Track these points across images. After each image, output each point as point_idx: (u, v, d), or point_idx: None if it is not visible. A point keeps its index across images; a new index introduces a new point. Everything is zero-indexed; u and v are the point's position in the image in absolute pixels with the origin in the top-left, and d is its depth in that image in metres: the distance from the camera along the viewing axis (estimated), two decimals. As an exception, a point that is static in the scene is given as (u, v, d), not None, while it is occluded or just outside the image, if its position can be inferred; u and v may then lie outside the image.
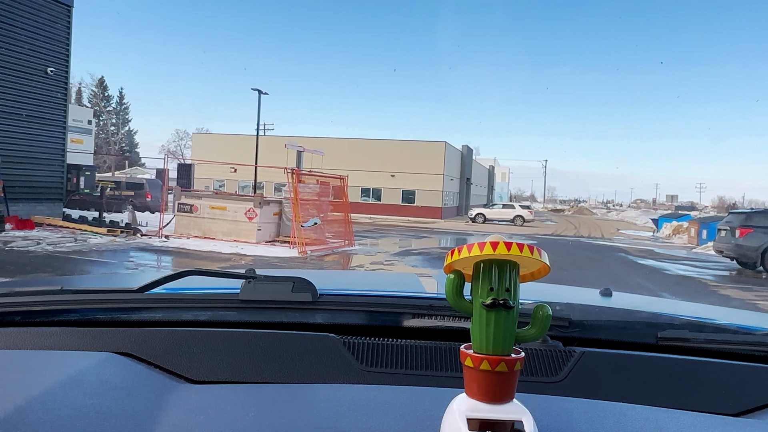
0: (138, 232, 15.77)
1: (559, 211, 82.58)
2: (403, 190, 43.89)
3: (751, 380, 0.95)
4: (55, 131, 16.26)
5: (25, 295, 1.08)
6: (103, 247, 13.35)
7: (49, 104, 15.98)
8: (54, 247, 12.65)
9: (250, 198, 16.57)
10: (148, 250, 13.66)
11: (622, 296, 1.81)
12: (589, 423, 0.74)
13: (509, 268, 0.64)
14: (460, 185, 51.55)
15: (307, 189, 16.32)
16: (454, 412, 0.64)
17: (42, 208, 15.84)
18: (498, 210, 41.54)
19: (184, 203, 16.23)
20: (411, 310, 1.10)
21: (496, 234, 0.65)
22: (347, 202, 18.13)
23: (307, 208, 15.90)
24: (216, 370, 0.90)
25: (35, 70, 15.45)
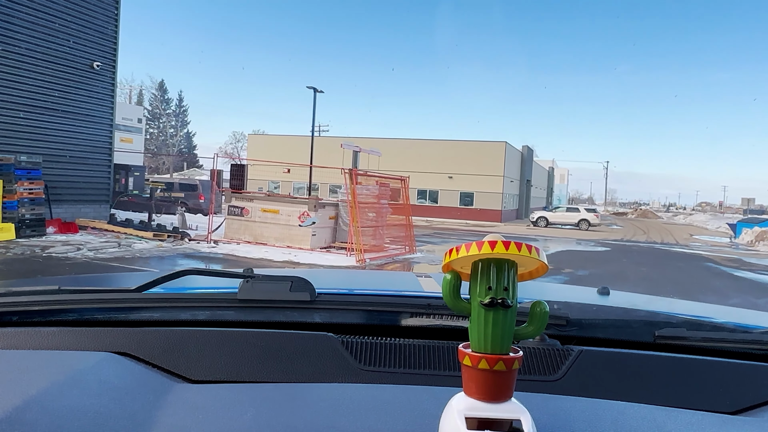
0: (186, 236, 14.78)
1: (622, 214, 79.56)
2: (461, 192, 42.37)
3: (749, 378, 0.94)
4: (101, 129, 15.42)
5: (23, 295, 1.08)
6: (148, 254, 12.36)
7: (95, 100, 15.14)
8: (95, 253, 11.71)
9: (304, 201, 15.34)
10: (195, 257, 12.62)
11: (620, 295, 1.82)
12: (587, 421, 0.74)
13: (507, 267, 0.64)
14: (520, 187, 49.62)
15: (366, 191, 15.05)
16: (453, 411, 0.64)
17: (87, 210, 15.03)
18: (561, 213, 39.62)
19: (234, 206, 15.16)
20: (409, 309, 1.10)
21: (495, 234, 0.64)
22: (408, 205, 16.77)
23: (366, 211, 14.63)
24: (214, 370, 0.89)
25: (81, 64, 14.63)
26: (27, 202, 12.70)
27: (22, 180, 12.59)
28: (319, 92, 28.32)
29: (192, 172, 53.57)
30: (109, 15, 15.44)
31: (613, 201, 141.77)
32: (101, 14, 15.20)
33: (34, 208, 12.84)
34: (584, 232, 34.73)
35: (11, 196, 12.37)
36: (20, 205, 12.53)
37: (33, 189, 12.83)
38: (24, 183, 12.63)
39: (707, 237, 34.52)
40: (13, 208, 12.42)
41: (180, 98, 73.29)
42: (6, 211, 12.34)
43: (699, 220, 58.12)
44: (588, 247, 22.84)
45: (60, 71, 14.09)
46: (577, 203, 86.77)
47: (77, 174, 14.71)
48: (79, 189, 14.80)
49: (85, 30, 14.70)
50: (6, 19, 12.74)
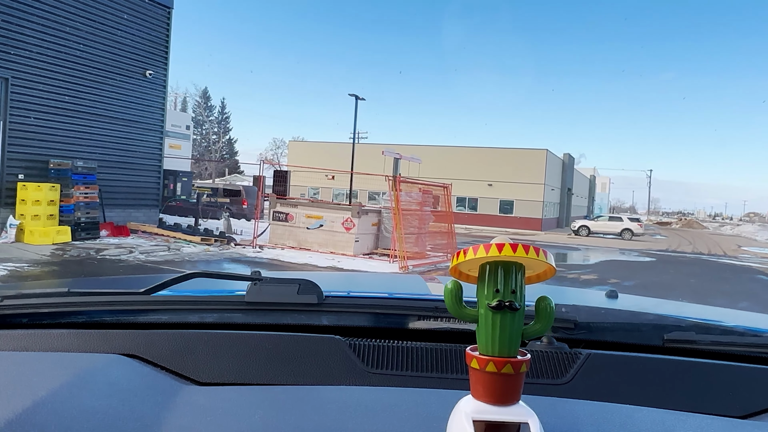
0: (232, 241, 15.07)
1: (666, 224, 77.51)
2: (500, 200, 42.03)
3: (759, 382, 0.94)
4: (152, 136, 15.88)
5: (32, 297, 1.08)
6: (196, 257, 12.65)
7: (147, 108, 15.61)
8: (146, 256, 12.05)
9: (347, 207, 15.49)
10: (241, 261, 12.85)
11: (628, 298, 1.79)
12: (596, 425, 0.74)
13: (515, 270, 0.63)
14: (561, 196, 48.93)
15: (409, 198, 15.09)
16: (460, 414, 0.64)
17: (138, 215, 15.46)
18: (604, 222, 38.93)
19: (279, 212, 15.39)
20: (416, 311, 1.10)
21: (502, 237, 0.63)
22: (451, 212, 16.74)
23: (408, 218, 14.67)
24: (222, 372, 0.89)
25: (134, 72, 15.11)
26: (83, 205, 13.16)
27: (78, 184, 13.05)
28: (361, 99, 28.53)
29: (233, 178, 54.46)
30: (161, 25, 15.92)
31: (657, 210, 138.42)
32: (154, 25, 15.68)
33: (89, 211, 13.30)
34: (627, 241, 34.03)
35: (68, 199, 12.84)
36: (76, 209, 12.99)
37: (88, 193, 13.29)
38: (80, 187, 13.10)
39: (757, 248, 33.42)
40: (70, 211, 12.88)
41: (222, 105, 74.68)
42: (63, 214, 12.80)
43: (747, 231, 56.28)
44: (632, 257, 22.38)
45: (115, 80, 14.59)
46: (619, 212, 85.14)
47: (129, 179, 15.17)
48: (130, 194, 15.25)
49: (139, 40, 15.19)
50: (66, 30, 13.26)
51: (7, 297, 1.07)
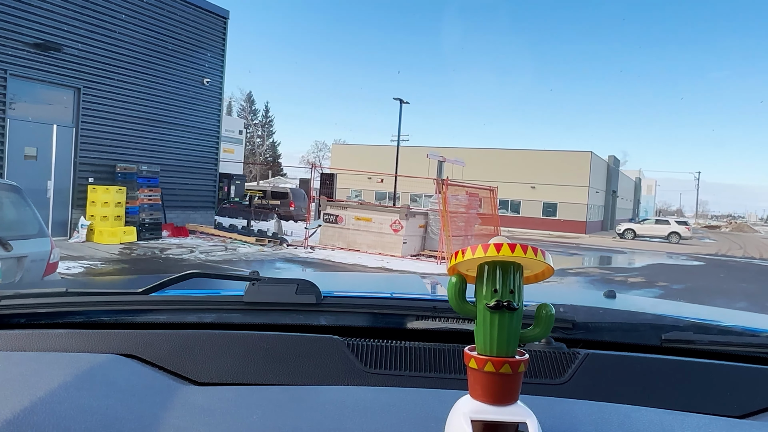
0: (284, 242, 15.63)
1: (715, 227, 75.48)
2: (543, 202, 41.81)
3: (757, 382, 0.93)
4: (209, 141, 16.60)
5: (30, 297, 1.08)
6: (252, 257, 13.23)
7: (204, 114, 16.33)
8: (206, 256, 12.68)
9: (396, 209, 15.88)
10: (295, 261, 13.37)
11: (626, 298, 1.80)
12: (594, 425, 0.74)
13: (513, 270, 0.63)
14: (606, 198, 48.30)
15: (455, 200, 15.39)
16: (459, 414, 0.64)
17: (195, 216, 16.17)
18: (650, 225, 38.35)
19: (329, 214, 15.89)
20: (415, 312, 1.10)
21: (500, 237, 0.63)
22: (497, 215, 16.97)
23: (455, 220, 14.97)
24: (220, 372, 0.89)
25: (192, 80, 15.84)
26: (147, 207, 13.90)
27: (143, 187, 13.80)
28: (405, 103, 28.89)
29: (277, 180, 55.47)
30: (218, 34, 16.62)
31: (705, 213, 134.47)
32: (211, 34, 16.39)
33: (153, 213, 14.03)
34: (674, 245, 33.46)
35: (133, 201, 13.59)
36: (141, 211, 13.74)
37: (152, 196, 14.02)
38: (144, 190, 13.84)
39: (812, 254, 32.44)
40: (135, 212, 13.63)
41: (266, 109, 76.08)
42: (129, 216, 13.55)
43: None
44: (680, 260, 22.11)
45: (175, 88, 15.33)
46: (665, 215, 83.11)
47: (188, 182, 15.90)
48: (189, 196, 15.98)
49: (197, 49, 15.91)
50: (131, 42, 14.03)
51: (4, 297, 1.08)
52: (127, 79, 14.03)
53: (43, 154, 12.47)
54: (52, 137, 12.62)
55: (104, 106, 13.54)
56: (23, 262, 4.92)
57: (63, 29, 12.50)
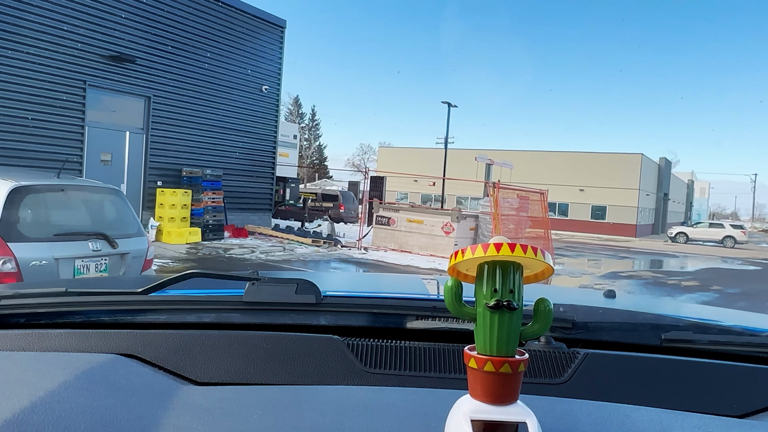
0: (338, 243, 16.14)
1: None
2: (592, 205, 41.33)
3: (756, 382, 0.93)
4: (266, 145, 17.28)
5: (30, 297, 1.09)
6: (308, 257, 13.74)
7: (262, 120, 17.02)
8: (266, 256, 13.26)
9: (447, 212, 16.19)
10: (350, 261, 13.82)
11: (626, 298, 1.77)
12: (593, 425, 0.74)
13: (513, 270, 0.63)
14: (657, 201, 47.35)
15: (506, 203, 15.59)
16: (458, 414, 0.64)
17: (254, 218, 16.86)
18: (703, 229, 37.50)
19: (381, 216, 16.31)
20: (414, 311, 1.10)
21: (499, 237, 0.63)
22: (547, 218, 17.06)
23: (506, 223, 15.18)
24: (220, 372, 0.89)
25: (252, 88, 16.54)
26: (210, 209, 14.62)
27: (207, 190, 14.52)
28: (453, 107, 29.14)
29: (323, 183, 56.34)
30: (275, 43, 17.30)
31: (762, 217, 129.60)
32: (270, 43, 17.08)
33: (216, 215, 14.74)
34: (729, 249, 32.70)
35: (198, 204, 14.31)
36: (205, 212, 14.46)
37: (215, 198, 14.74)
38: (208, 193, 14.56)
39: None
40: (200, 214, 14.35)
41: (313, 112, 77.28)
42: (194, 217, 14.28)
43: None
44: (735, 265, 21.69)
45: (235, 95, 16.06)
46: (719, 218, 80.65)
47: (247, 185, 16.60)
48: (248, 198, 16.68)
49: (256, 58, 16.61)
50: (196, 52, 14.80)
51: (4, 297, 1.08)
52: (193, 88, 14.81)
53: (116, 159, 13.31)
54: (125, 143, 13.46)
55: (172, 114, 14.34)
56: (126, 259, 5.48)
57: (136, 42, 13.34)
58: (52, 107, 11.85)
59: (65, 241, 5.04)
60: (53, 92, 11.85)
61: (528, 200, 16.64)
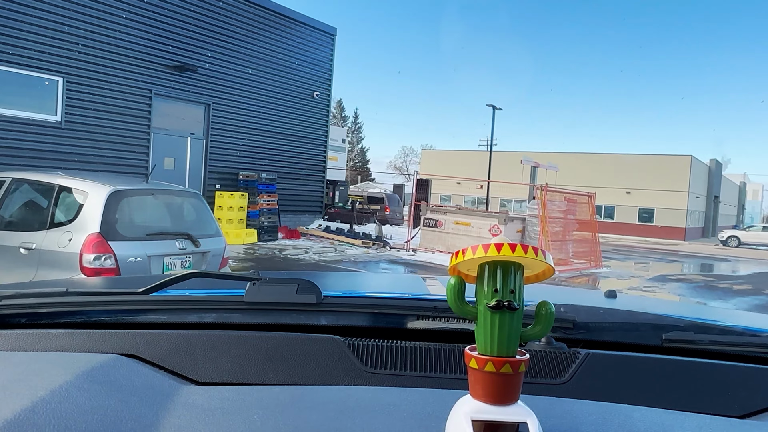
0: (387, 244, 16.54)
1: (831, 235, 69.79)
2: (639, 208, 40.70)
3: (757, 382, 0.93)
4: (317, 149, 17.85)
5: (31, 297, 1.09)
6: (359, 258, 14.16)
7: (313, 125, 17.60)
8: (319, 256, 13.75)
9: (494, 214, 16.44)
10: (399, 262, 14.18)
11: (627, 298, 1.74)
12: (594, 425, 0.74)
13: (514, 270, 0.63)
14: (707, 204, 46.26)
15: (553, 206, 15.72)
16: (459, 414, 0.64)
17: (305, 220, 17.42)
18: (756, 233, 36.53)
19: (429, 218, 16.64)
20: (415, 311, 1.10)
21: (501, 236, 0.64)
22: (595, 221, 17.10)
23: (553, 225, 15.31)
24: (221, 372, 0.89)
25: (303, 94, 17.14)
26: (266, 211, 15.23)
27: (262, 193, 15.14)
28: (498, 109, 29.25)
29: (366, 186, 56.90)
30: (326, 50, 17.86)
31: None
32: (321, 50, 17.65)
33: (270, 216, 15.35)
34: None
35: (254, 206, 14.94)
36: (261, 214, 15.08)
37: (270, 201, 15.35)
38: (264, 196, 15.18)
39: None
40: (255, 216, 14.97)
41: (356, 115, 78.08)
42: (250, 219, 14.91)
43: None
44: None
45: (289, 101, 16.69)
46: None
47: (299, 188, 17.20)
48: (300, 201, 17.27)
49: (308, 65, 17.21)
50: (251, 61, 15.45)
51: (5, 297, 1.08)
52: (249, 95, 15.48)
53: (179, 163, 14.03)
54: (187, 148, 14.18)
55: (229, 120, 15.02)
56: (206, 257, 5.98)
57: (197, 53, 14.05)
58: (122, 115, 12.63)
59: (156, 240, 5.55)
60: (123, 101, 12.62)
61: (575, 203, 16.71)
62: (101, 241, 5.11)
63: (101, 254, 5.07)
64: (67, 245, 5.10)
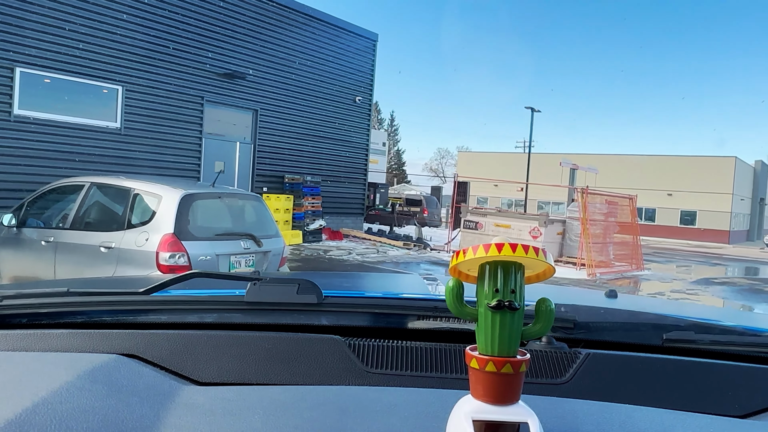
0: (427, 246, 16.82)
1: None
2: (681, 210, 40.04)
3: (758, 382, 0.93)
4: (359, 153, 18.27)
5: (32, 297, 1.09)
6: (400, 259, 14.46)
7: (355, 129, 18.03)
8: (362, 257, 14.11)
9: (535, 217, 16.57)
10: (440, 263, 14.40)
11: (628, 298, 1.73)
12: (595, 425, 0.74)
13: (514, 270, 0.63)
14: (752, 206, 45.17)
15: (593, 208, 15.76)
16: (460, 414, 0.64)
17: (347, 221, 17.84)
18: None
19: (469, 220, 16.86)
20: (416, 311, 1.10)
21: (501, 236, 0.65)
22: (636, 224, 17.07)
23: (593, 228, 15.35)
24: (222, 372, 0.89)
25: (346, 98, 17.58)
26: (310, 213, 15.69)
27: (307, 196, 15.61)
28: (537, 111, 29.24)
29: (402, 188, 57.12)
30: (368, 55, 18.28)
31: None
32: (363, 56, 18.08)
33: (315, 218, 15.81)
34: (834, 257, 30.81)
35: (299, 208, 15.41)
36: (305, 216, 15.55)
37: (314, 203, 15.81)
38: (308, 198, 15.64)
39: None
40: (300, 218, 15.45)
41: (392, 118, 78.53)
42: (295, 221, 15.38)
43: None
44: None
45: (332, 106, 17.15)
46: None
47: (341, 191, 17.64)
48: (342, 203, 17.70)
49: (350, 70, 17.65)
50: (296, 67, 15.95)
51: (6, 297, 1.08)
52: (294, 100, 15.99)
53: (228, 167, 14.57)
54: (236, 152, 14.74)
55: (275, 125, 15.54)
56: (267, 256, 6.38)
57: (246, 60, 14.61)
58: (176, 121, 13.24)
59: (223, 240, 5.97)
60: (177, 108, 13.23)
61: (616, 205, 16.71)
62: (175, 241, 5.54)
63: (175, 253, 5.50)
64: (144, 244, 5.55)
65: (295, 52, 15.88)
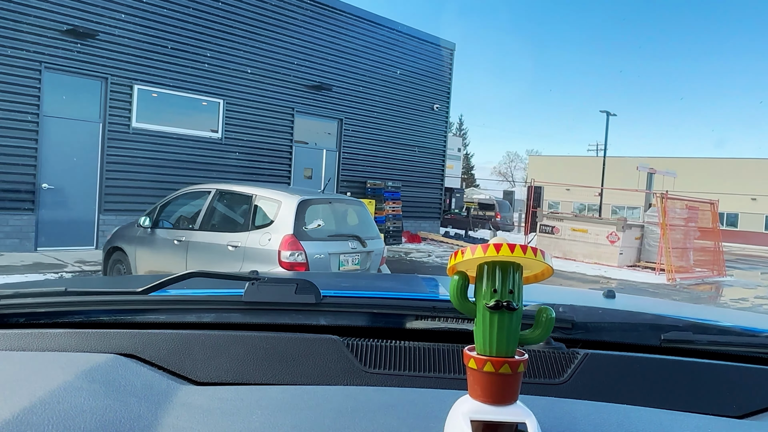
0: (502, 249, 17.17)
1: None
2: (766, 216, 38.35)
3: (756, 382, 0.94)
4: (436, 158, 18.87)
5: (30, 297, 1.08)
6: (478, 262, 14.87)
7: (433, 135, 18.64)
8: (441, 260, 14.64)
9: (612, 221, 16.65)
10: (517, 267, 14.73)
11: (626, 298, 1.74)
12: (593, 425, 0.74)
13: (513, 270, 0.64)
14: None
15: (672, 213, 15.70)
16: (458, 414, 0.64)
17: (425, 225, 18.46)
18: None
19: (546, 224, 17.12)
20: (414, 311, 1.10)
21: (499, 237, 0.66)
22: (717, 229, 16.83)
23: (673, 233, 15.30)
24: (220, 372, 0.90)
25: (424, 106, 18.23)
26: (391, 217, 16.40)
27: (388, 200, 16.33)
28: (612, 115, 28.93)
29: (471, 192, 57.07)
30: (446, 64, 18.87)
31: None
32: (441, 64, 18.69)
33: (395, 222, 16.50)
34: None
35: (380, 212, 16.14)
36: (386, 220, 16.26)
37: (395, 207, 16.51)
38: (389, 203, 16.36)
39: None
40: (382, 221, 16.17)
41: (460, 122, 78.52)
42: (377, 224, 16.09)
43: None
44: None
45: (411, 114, 17.84)
46: None
47: (419, 195, 18.28)
48: (420, 207, 18.34)
49: (428, 78, 18.27)
50: (378, 77, 16.73)
51: (4, 296, 1.08)
52: (376, 109, 16.78)
53: (315, 173, 15.50)
54: (322, 159, 15.64)
55: (358, 133, 16.37)
56: (371, 255, 7.07)
57: (332, 72, 15.51)
58: (269, 131, 14.25)
59: (334, 241, 6.71)
60: (270, 118, 14.25)
61: (697, 210, 16.55)
62: (294, 241, 6.31)
63: (295, 251, 6.26)
64: (267, 244, 6.34)
65: (377, 63, 16.67)
